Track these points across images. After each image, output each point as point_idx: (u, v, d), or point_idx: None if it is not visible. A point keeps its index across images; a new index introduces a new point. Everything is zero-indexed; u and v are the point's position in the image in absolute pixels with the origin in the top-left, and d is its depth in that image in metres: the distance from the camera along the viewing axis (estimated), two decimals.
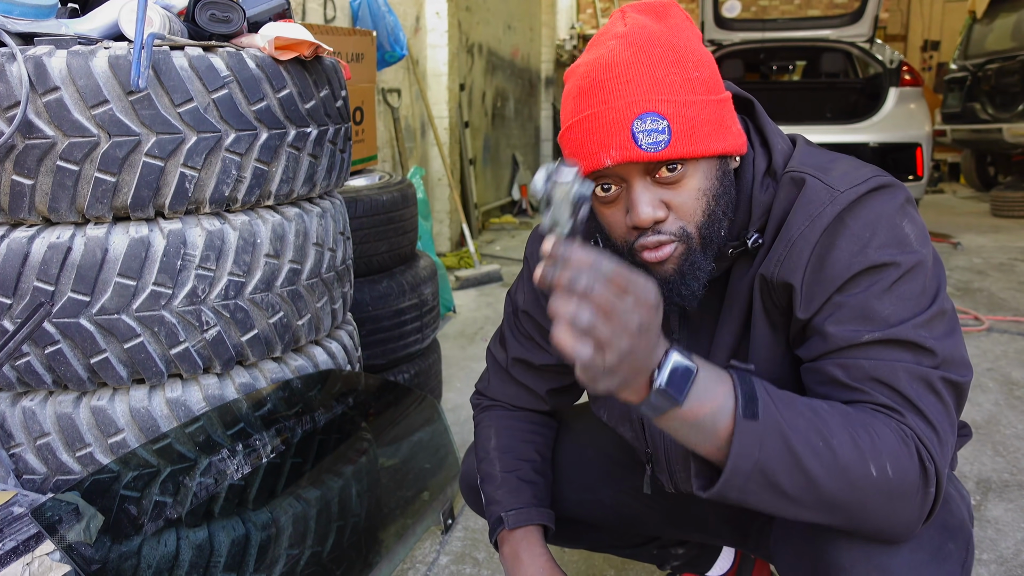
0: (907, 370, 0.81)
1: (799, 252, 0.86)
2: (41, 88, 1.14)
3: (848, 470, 0.76)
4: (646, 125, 0.82)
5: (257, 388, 1.38)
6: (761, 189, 0.92)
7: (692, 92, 0.85)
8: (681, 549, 1.50)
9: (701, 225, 0.88)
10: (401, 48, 3.82)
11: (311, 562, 1.35)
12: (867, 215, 0.85)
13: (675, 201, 0.86)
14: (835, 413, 0.79)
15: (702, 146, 0.84)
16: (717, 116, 0.87)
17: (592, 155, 0.85)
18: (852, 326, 0.83)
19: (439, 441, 1.80)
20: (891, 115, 5.19)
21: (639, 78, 0.83)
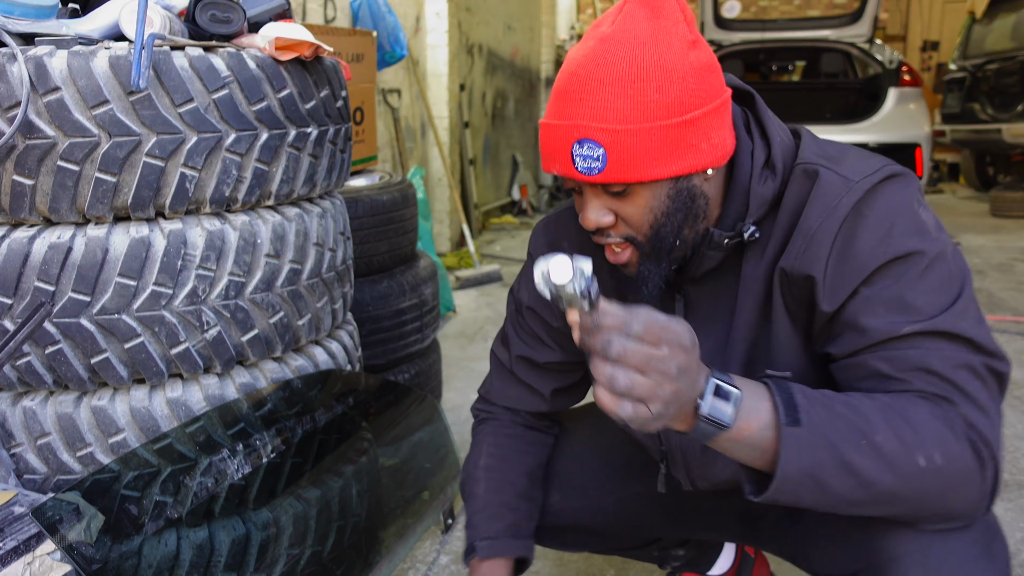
0: (952, 359, 0.81)
1: (819, 244, 0.86)
2: (42, 88, 1.14)
3: (895, 464, 0.77)
4: (583, 150, 0.86)
5: (257, 388, 1.38)
6: (759, 181, 0.92)
7: (640, 119, 0.84)
8: (682, 550, 1.50)
9: (648, 237, 0.91)
10: (401, 48, 3.82)
11: (311, 562, 1.35)
12: (884, 204, 0.85)
13: (622, 212, 0.90)
14: (875, 408, 0.79)
15: (639, 173, 0.85)
16: (670, 140, 0.85)
17: (545, 161, 0.91)
18: (889, 318, 0.83)
19: (439, 441, 1.80)
20: (890, 115, 5.20)
21: (589, 99, 0.85)
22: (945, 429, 0.78)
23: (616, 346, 0.70)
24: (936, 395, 0.81)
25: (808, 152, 0.93)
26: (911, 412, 0.79)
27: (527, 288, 1.18)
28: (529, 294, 1.18)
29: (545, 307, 1.16)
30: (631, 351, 0.70)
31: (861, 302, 0.85)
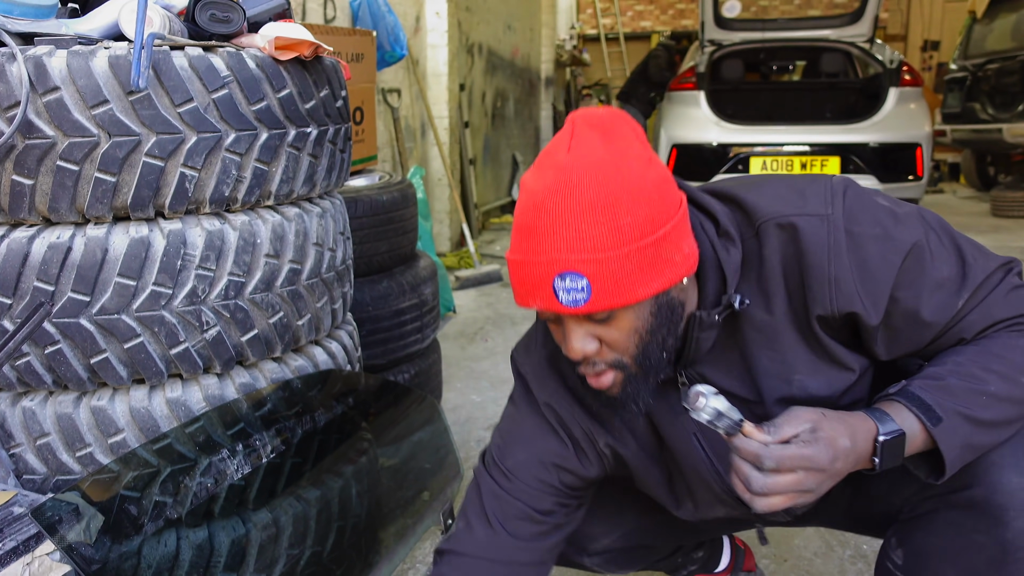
0: (997, 300, 0.94)
1: (846, 283, 0.92)
2: (41, 88, 1.14)
3: (1013, 396, 0.90)
4: (566, 283, 0.85)
5: (257, 388, 1.38)
6: (724, 252, 0.95)
7: (618, 244, 0.84)
8: (700, 551, 1.52)
9: (635, 356, 0.92)
10: (401, 48, 3.82)
11: (311, 562, 1.35)
12: (860, 213, 0.93)
13: (607, 337, 0.91)
14: (973, 363, 0.91)
15: (625, 297, 0.86)
16: (648, 261, 0.86)
17: (523, 297, 0.90)
18: (942, 301, 0.93)
19: (439, 441, 1.80)
20: (891, 115, 5.19)
21: (564, 231, 0.84)
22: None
23: (756, 482, 0.84)
24: (1006, 319, 0.94)
25: (763, 207, 0.96)
26: (997, 347, 0.92)
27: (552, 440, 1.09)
28: (556, 448, 1.09)
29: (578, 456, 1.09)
30: (770, 485, 0.84)
31: (906, 304, 0.93)
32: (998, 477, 0.93)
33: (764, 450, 0.83)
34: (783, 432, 0.85)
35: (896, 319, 0.94)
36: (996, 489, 0.92)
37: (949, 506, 0.98)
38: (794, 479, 0.84)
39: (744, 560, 1.60)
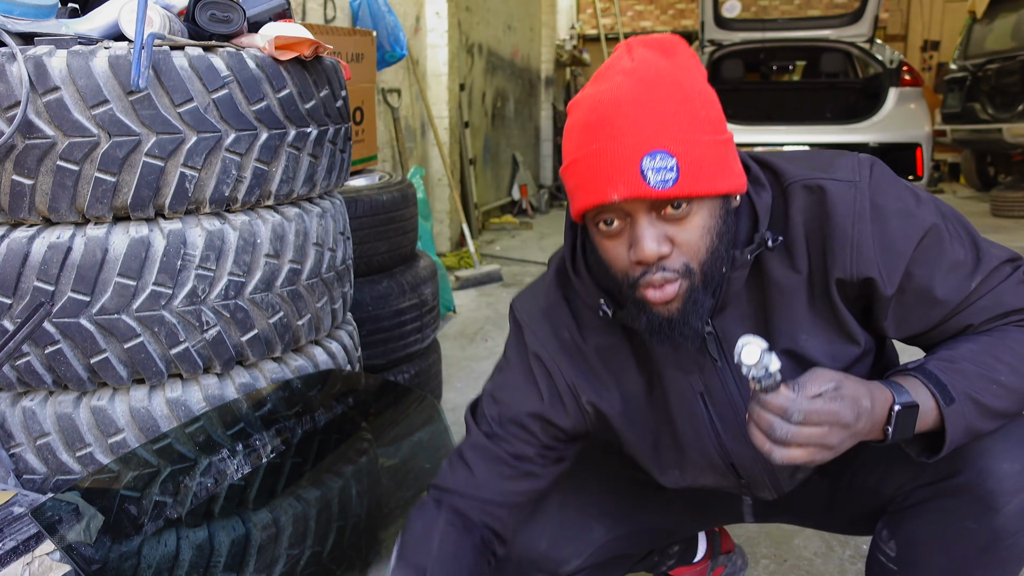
0: (1009, 289, 0.95)
1: (867, 247, 0.93)
2: (41, 88, 1.14)
3: (1019, 389, 0.92)
4: (655, 162, 0.82)
5: (257, 388, 1.38)
6: (756, 194, 0.96)
7: (699, 131, 0.85)
8: (676, 547, 1.51)
9: (704, 262, 0.89)
10: (401, 48, 3.82)
11: (311, 562, 1.35)
12: (887, 188, 0.95)
13: (680, 237, 0.87)
14: (987, 352, 0.93)
15: (708, 185, 0.85)
16: (721, 156, 0.87)
17: (598, 190, 0.85)
18: (955, 282, 0.94)
19: (439, 441, 1.80)
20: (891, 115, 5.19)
21: (648, 115, 0.83)
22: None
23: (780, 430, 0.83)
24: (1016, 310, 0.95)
25: (792, 171, 0.97)
26: (1010, 341, 0.94)
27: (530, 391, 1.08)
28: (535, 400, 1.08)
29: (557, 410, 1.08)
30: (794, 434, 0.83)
31: (921, 281, 0.94)
32: (987, 463, 0.94)
33: (792, 403, 0.83)
34: (809, 389, 0.84)
35: (909, 295, 0.95)
36: (986, 476, 0.93)
37: (939, 493, 0.98)
38: (819, 432, 0.83)
39: (721, 543, 1.59)
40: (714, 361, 1.02)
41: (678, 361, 1.03)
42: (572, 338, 1.06)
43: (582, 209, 0.88)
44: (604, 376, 1.07)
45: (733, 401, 1.03)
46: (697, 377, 1.03)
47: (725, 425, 1.05)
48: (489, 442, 1.10)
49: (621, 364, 1.06)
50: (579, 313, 1.06)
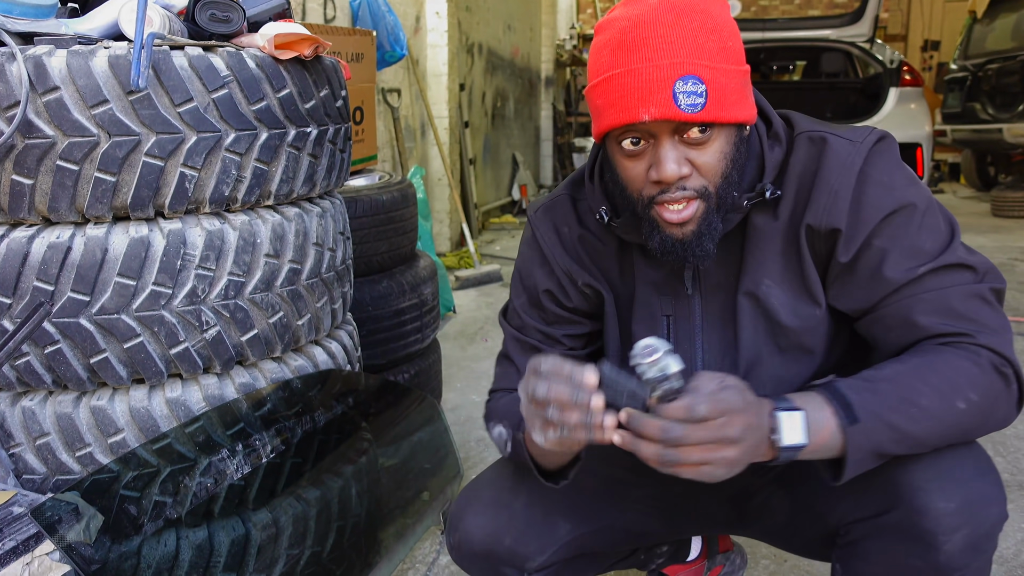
0: (962, 292, 0.93)
1: (842, 199, 0.95)
2: (41, 88, 1.14)
3: (942, 417, 0.89)
4: (687, 87, 0.86)
5: (257, 388, 1.37)
6: (769, 148, 1.00)
7: (726, 61, 0.90)
8: (665, 546, 1.51)
9: (719, 186, 0.94)
10: (401, 48, 3.82)
11: (311, 562, 1.35)
12: (882, 162, 0.96)
13: (699, 161, 0.92)
14: (912, 372, 0.90)
15: (732, 113, 0.90)
16: (742, 86, 0.93)
17: (629, 109, 0.88)
18: (906, 265, 0.94)
19: (439, 441, 1.80)
20: (891, 115, 5.20)
21: (682, 40, 0.88)
22: (973, 367, 0.90)
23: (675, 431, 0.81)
24: (957, 333, 0.92)
25: (805, 124, 1.02)
26: (940, 364, 0.90)
27: (541, 272, 1.16)
28: (544, 278, 1.16)
29: (561, 289, 1.15)
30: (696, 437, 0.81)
31: (876, 253, 0.95)
32: (924, 502, 0.92)
33: (695, 399, 0.81)
34: (704, 388, 0.83)
35: (861, 265, 0.96)
36: (922, 514, 0.92)
37: (880, 531, 0.98)
38: (717, 423, 0.81)
39: (719, 542, 1.59)
40: (687, 291, 1.08)
41: (655, 280, 1.09)
42: (569, 232, 1.14)
43: (610, 126, 0.92)
44: (593, 269, 1.14)
45: (693, 333, 1.09)
46: (669, 300, 1.09)
47: (679, 351, 1.07)
48: (520, 334, 1.19)
49: (607, 266, 1.14)
50: (583, 215, 1.13)
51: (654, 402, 0.84)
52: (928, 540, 0.91)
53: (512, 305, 1.22)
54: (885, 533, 0.97)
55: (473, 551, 1.17)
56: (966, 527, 0.90)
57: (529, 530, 1.19)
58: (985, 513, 0.91)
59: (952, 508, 0.91)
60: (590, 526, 1.24)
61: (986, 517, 0.91)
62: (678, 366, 0.82)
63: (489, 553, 1.17)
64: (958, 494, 0.91)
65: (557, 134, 8.71)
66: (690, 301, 1.08)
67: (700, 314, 1.08)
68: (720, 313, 1.07)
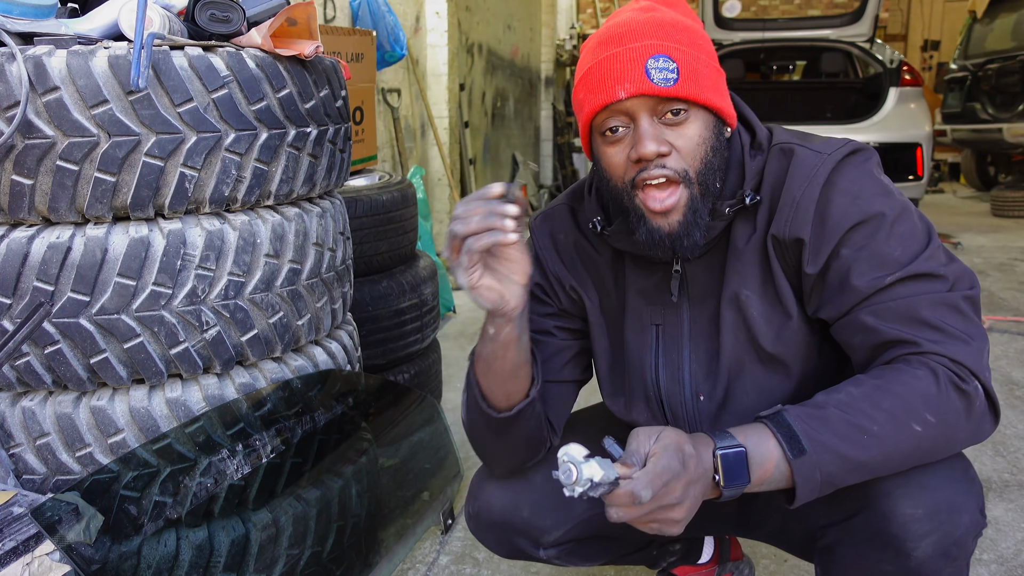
0: (930, 300, 0.92)
1: (805, 210, 0.96)
2: (41, 88, 1.14)
3: (897, 441, 0.87)
4: (659, 64, 0.92)
5: (257, 388, 1.37)
6: (750, 157, 1.03)
7: (699, 50, 0.96)
8: (677, 544, 1.51)
9: (699, 171, 0.96)
10: (401, 48, 3.82)
11: (311, 562, 1.35)
12: (851, 173, 0.97)
13: (678, 142, 0.95)
14: (865, 396, 0.89)
15: (705, 94, 0.94)
16: (717, 79, 0.98)
17: (607, 89, 0.94)
18: (873, 274, 0.93)
19: (439, 441, 1.80)
20: (891, 115, 5.19)
21: (654, 28, 0.95)
22: (931, 385, 0.88)
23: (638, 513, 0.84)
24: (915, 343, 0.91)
25: (782, 136, 1.04)
26: (896, 385, 0.89)
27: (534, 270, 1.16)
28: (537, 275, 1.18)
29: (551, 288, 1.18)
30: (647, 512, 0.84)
31: (844, 263, 0.95)
32: (891, 507, 0.92)
33: (637, 484, 0.83)
34: (640, 452, 0.86)
35: (831, 275, 0.96)
36: (890, 520, 0.92)
37: (852, 536, 0.98)
38: (657, 498, 0.83)
39: (730, 550, 1.60)
40: (673, 299, 1.09)
41: (644, 289, 1.11)
42: (565, 239, 1.17)
43: (592, 111, 0.96)
44: (585, 276, 1.17)
45: (681, 342, 1.10)
46: (657, 309, 1.10)
47: (666, 360, 1.11)
48: None
49: (600, 274, 1.16)
50: (581, 224, 1.16)
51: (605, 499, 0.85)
52: (897, 546, 0.92)
53: None
54: (856, 538, 0.97)
55: (492, 520, 1.20)
56: (935, 533, 0.90)
57: (547, 504, 1.20)
58: (955, 520, 0.91)
59: (920, 514, 0.91)
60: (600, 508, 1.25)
61: (956, 524, 0.91)
62: (601, 471, 0.82)
63: (507, 523, 1.19)
64: (925, 501, 0.91)
65: (557, 134, 8.70)
66: (678, 310, 1.09)
67: (688, 323, 1.09)
68: (707, 322, 1.08)
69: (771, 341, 1.04)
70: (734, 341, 1.06)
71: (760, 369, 1.07)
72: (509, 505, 1.19)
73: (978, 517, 0.93)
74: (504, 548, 1.23)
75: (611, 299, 1.16)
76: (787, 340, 1.04)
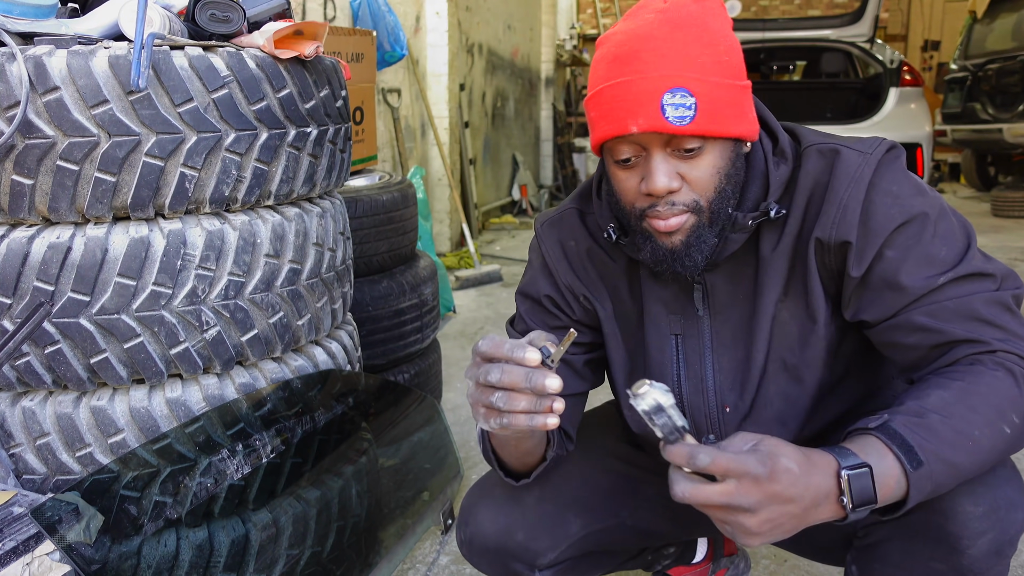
0: (983, 299, 0.90)
1: (852, 211, 0.94)
2: (41, 88, 1.14)
3: (993, 444, 0.85)
4: (675, 99, 0.87)
5: (257, 388, 1.37)
6: (775, 166, 0.99)
7: (720, 75, 0.90)
8: (672, 548, 1.52)
9: (712, 200, 0.93)
10: (401, 48, 3.82)
11: (311, 562, 1.35)
12: (891, 172, 0.95)
13: (691, 175, 0.92)
14: (959, 402, 0.85)
15: (723, 127, 0.90)
16: (738, 101, 0.92)
17: (619, 121, 0.89)
18: (924, 274, 0.91)
19: (439, 441, 1.80)
20: (891, 115, 5.20)
21: (674, 53, 0.88)
22: (1012, 386, 0.87)
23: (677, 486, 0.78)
24: (983, 341, 0.89)
25: (813, 137, 1.01)
26: (983, 387, 0.86)
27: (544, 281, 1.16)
28: (548, 286, 1.16)
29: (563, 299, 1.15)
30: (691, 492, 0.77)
31: (890, 264, 0.93)
32: (951, 504, 0.90)
33: (698, 448, 0.77)
34: (728, 445, 0.79)
35: (875, 277, 0.94)
36: (949, 517, 0.90)
37: (904, 532, 0.96)
38: (723, 489, 0.76)
39: (724, 546, 1.59)
40: (696, 311, 1.06)
41: (665, 299, 1.08)
42: (576, 246, 1.13)
43: (602, 139, 0.93)
44: (599, 285, 1.14)
45: (703, 353, 1.07)
46: (678, 319, 1.08)
47: (688, 371, 1.09)
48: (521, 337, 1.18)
49: (615, 282, 1.13)
50: (592, 229, 1.12)
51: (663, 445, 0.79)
52: (952, 543, 0.90)
53: (518, 312, 1.22)
54: (908, 534, 0.95)
55: (485, 546, 1.18)
56: (992, 531, 0.89)
57: (541, 526, 1.19)
58: (1011, 518, 0.90)
59: (980, 512, 0.90)
60: (601, 524, 1.24)
61: (1012, 522, 0.90)
62: (675, 407, 0.78)
63: (501, 548, 1.17)
64: (986, 498, 0.90)
65: (557, 134, 8.70)
66: (699, 320, 1.07)
67: (709, 334, 1.07)
68: (732, 332, 1.06)
69: (797, 349, 1.02)
70: (766, 352, 1.03)
71: (784, 377, 1.05)
72: (502, 529, 1.17)
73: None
74: (499, 572, 1.21)
75: (627, 307, 1.13)
76: (811, 346, 1.02)
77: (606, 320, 1.14)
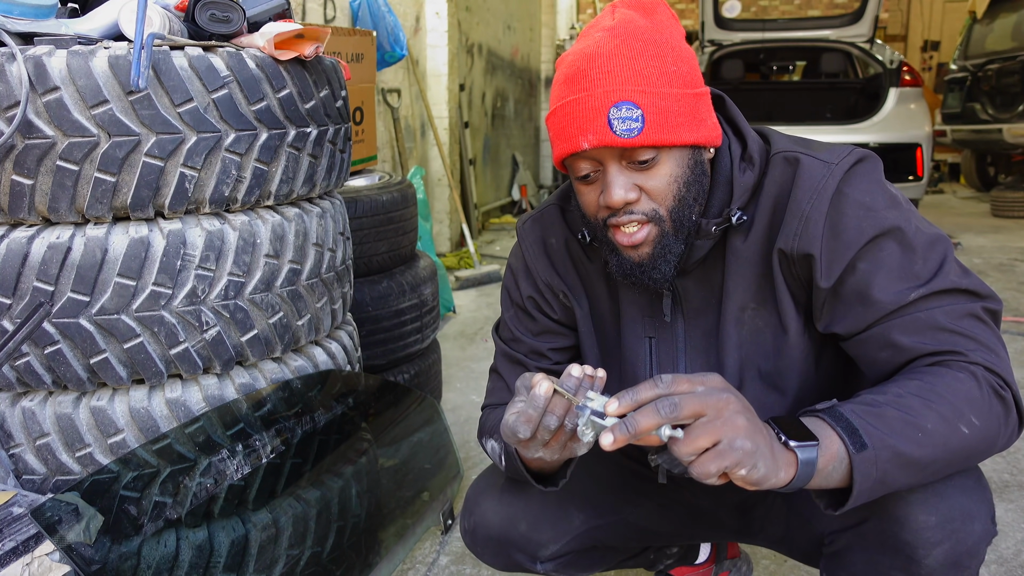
0: (956, 312, 0.90)
1: (814, 224, 0.93)
2: (41, 88, 1.14)
3: (948, 442, 0.84)
4: (621, 113, 0.88)
5: (257, 388, 1.37)
6: (740, 171, 0.99)
7: (669, 84, 0.90)
8: (675, 548, 1.52)
9: (672, 209, 0.94)
10: (401, 48, 3.82)
11: (311, 562, 1.35)
12: (861, 183, 0.93)
13: (648, 185, 0.93)
14: (914, 395, 0.85)
15: (674, 135, 0.90)
16: (691, 108, 0.92)
17: (571, 138, 0.91)
18: (895, 288, 0.90)
19: (439, 441, 1.80)
20: (891, 115, 5.20)
21: (619, 68, 0.89)
22: (974, 388, 0.86)
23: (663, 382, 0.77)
24: (952, 351, 0.88)
25: (781, 143, 1.00)
26: (941, 386, 0.85)
27: (525, 283, 1.18)
28: (528, 287, 1.17)
29: (543, 298, 1.17)
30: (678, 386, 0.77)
31: (862, 277, 0.92)
32: (905, 513, 0.90)
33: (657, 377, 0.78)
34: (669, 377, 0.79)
35: (846, 289, 0.93)
36: (903, 526, 0.90)
37: (862, 541, 0.96)
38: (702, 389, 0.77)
39: (727, 548, 1.60)
40: (665, 317, 1.07)
41: (639, 302, 1.09)
42: (556, 242, 1.15)
43: (559, 157, 0.95)
44: (577, 282, 1.15)
45: (676, 356, 1.08)
46: (650, 322, 1.09)
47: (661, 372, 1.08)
48: (509, 347, 1.21)
49: (593, 281, 1.14)
50: (572, 225, 1.14)
51: None
52: (908, 553, 0.90)
53: (503, 318, 1.24)
54: (867, 543, 0.96)
55: (488, 535, 1.19)
56: (947, 542, 0.89)
57: (544, 518, 1.20)
58: (967, 529, 0.89)
59: (933, 522, 0.89)
60: (603, 519, 1.25)
61: (968, 533, 0.89)
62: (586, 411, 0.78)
63: (504, 538, 1.18)
64: (940, 508, 0.89)
65: None
66: (672, 324, 1.08)
67: (683, 338, 1.08)
68: (703, 337, 1.06)
69: (772, 357, 1.02)
70: (737, 357, 1.04)
71: (760, 385, 1.05)
72: (506, 520, 1.18)
73: (989, 525, 0.91)
74: (501, 562, 1.22)
75: (605, 305, 1.14)
76: (786, 355, 1.02)
77: (582, 319, 1.16)
